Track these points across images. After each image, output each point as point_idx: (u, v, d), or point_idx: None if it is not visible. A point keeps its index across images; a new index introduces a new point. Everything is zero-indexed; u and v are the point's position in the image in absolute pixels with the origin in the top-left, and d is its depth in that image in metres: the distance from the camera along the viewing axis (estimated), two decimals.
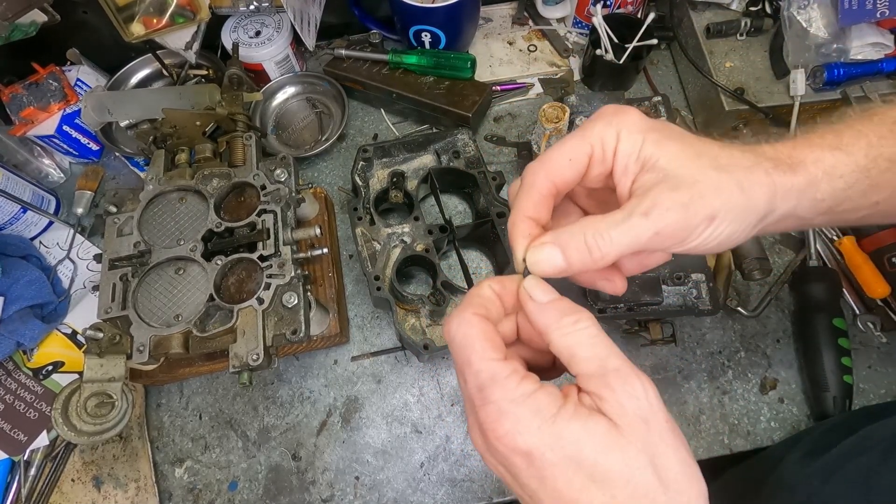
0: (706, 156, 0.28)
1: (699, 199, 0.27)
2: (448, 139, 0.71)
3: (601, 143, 0.29)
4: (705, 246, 0.28)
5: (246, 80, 0.72)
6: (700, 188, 0.27)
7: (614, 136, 0.29)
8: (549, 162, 0.30)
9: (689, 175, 0.27)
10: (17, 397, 0.67)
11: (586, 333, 0.27)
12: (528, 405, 0.26)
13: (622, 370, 0.26)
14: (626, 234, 0.27)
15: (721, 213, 0.27)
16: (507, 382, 0.26)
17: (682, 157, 0.28)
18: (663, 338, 0.64)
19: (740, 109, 0.71)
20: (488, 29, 0.87)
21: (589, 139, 0.29)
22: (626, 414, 0.25)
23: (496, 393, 0.26)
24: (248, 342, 0.53)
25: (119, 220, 0.60)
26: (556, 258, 0.28)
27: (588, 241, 0.28)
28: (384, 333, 0.70)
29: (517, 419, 0.25)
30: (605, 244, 0.27)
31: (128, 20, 0.70)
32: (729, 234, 0.28)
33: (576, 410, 0.25)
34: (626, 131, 0.29)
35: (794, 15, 0.67)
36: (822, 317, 0.63)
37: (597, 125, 0.29)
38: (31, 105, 0.75)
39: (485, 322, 0.28)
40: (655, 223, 0.27)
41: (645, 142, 0.28)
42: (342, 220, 0.76)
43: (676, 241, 0.28)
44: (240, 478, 0.64)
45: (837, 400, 0.60)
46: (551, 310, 0.28)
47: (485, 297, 0.30)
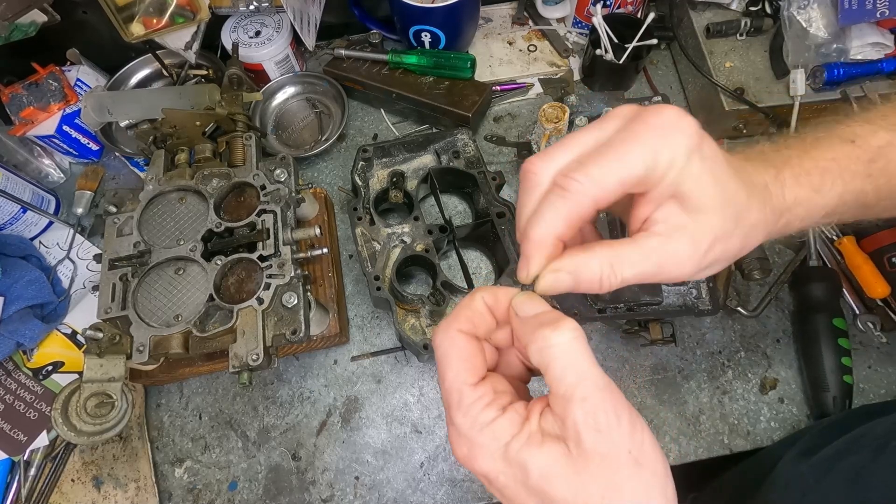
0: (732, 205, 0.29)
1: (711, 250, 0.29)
2: (448, 139, 0.71)
3: (654, 162, 0.26)
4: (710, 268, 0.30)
5: (246, 80, 0.72)
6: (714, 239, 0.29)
7: (668, 160, 0.26)
8: (602, 180, 0.26)
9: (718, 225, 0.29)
10: (17, 397, 0.67)
11: (559, 350, 0.26)
12: (486, 433, 0.26)
13: (590, 399, 0.25)
14: (638, 271, 0.28)
15: (720, 258, 0.29)
16: (470, 409, 0.27)
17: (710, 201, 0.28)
18: (663, 338, 0.64)
19: (740, 109, 0.71)
20: (488, 29, 0.87)
21: (643, 158, 0.26)
22: (581, 444, 0.25)
23: (459, 417, 0.27)
24: (248, 342, 0.53)
25: (119, 220, 0.60)
26: (567, 283, 0.28)
27: (602, 272, 0.28)
28: (384, 333, 0.70)
29: (474, 445, 0.27)
30: (615, 278, 0.28)
31: (127, 20, 0.70)
32: (728, 259, 0.30)
33: (529, 439, 0.26)
34: (682, 155, 0.27)
35: (793, 15, 0.67)
36: (822, 317, 0.63)
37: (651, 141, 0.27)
38: (31, 105, 0.75)
39: (468, 340, 0.29)
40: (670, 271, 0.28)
41: (684, 175, 0.27)
42: (342, 220, 0.76)
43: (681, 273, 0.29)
44: (240, 478, 0.64)
45: (837, 400, 0.60)
46: (531, 323, 0.28)
47: (475, 310, 0.30)
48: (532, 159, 0.29)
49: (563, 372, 0.26)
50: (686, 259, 0.28)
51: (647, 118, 0.27)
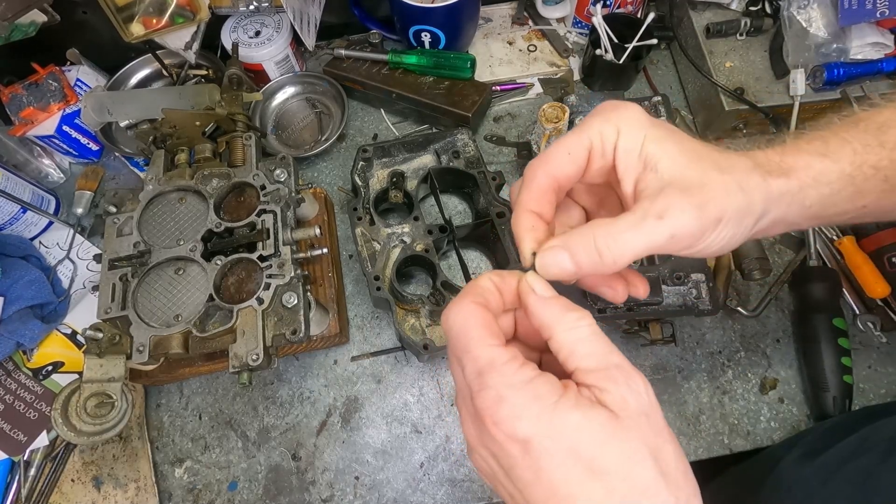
0: (707, 158, 0.28)
1: (710, 201, 0.27)
2: (448, 139, 0.71)
3: (600, 138, 0.29)
4: (709, 249, 0.28)
5: (246, 80, 0.72)
6: (709, 191, 0.27)
7: (614, 131, 0.29)
8: (549, 157, 0.30)
9: (696, 177, 0.27)
10: (17, 397, 0.67)
11: (588, 330, 0.27)
12: (528, 391, 0.25)
13: (624, 366, 0.26)
14: (641, 237, 0.27)
15: (727, 214, 0.27)
16: (506, 368, 0.26)
17: (684, 159, 0.28)
18: (663, 338, 0.64)
19: (740, 109, 0.71)
20: (488, 29, 0.87)
21: (587, 134, 0.29)
22: (628, 407, 0.25)
23: (494, 378, 0.26)
24: (248, 342, 0.53)
25: (119, 221, 0.60)
26: (566, 263, 0.28)
27: (598, 245, 0.27)
28: (384, 333, 0.70)
29: (516, 405, 0.25)
30: (618, 247, 0.27)
31: (127, 20, 0.70)
32: (731, 237, 0.28)
33: (577, 400, 0.25)
34: (627, 127, 0.29)
35: (793, 15, 0.67)
36: (822, 317, 0.63)
37: (595, 120, 0.30)
38: (31, 105, 0.75)
39: (483, 310, 0.28)
40: (671, 226, 0.26)
41: (646, 139, 0.28)
42: (342, 220, 0.76)
43: (687, 244, 0.27)
44: (240, 478, 0.64)
45: (837, 400, 0.60)
46: (554, 305, 0.28)
47: (484, 287, 0.30)
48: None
49: (595, 346, 0.27)
50: (681, 213, 0.26)
51: (592, 111, 0.31)
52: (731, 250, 0.31)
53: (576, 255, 0.28)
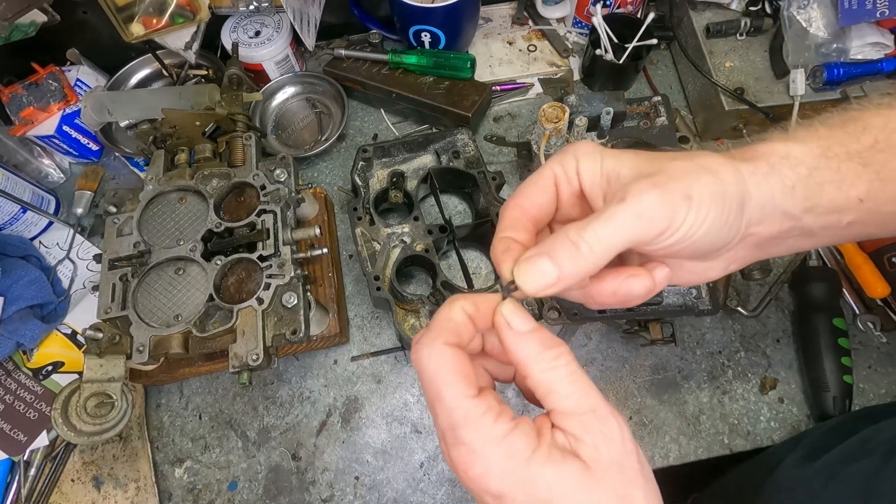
0: (663, 157, 0.28)
1: (670, 180, 0.26)
2: (448, 139, 0.71)
3: (562, 167, 0.30)
4: (694, 231, 0.27)
5: (246, 80, 0.72)
6: (668, 172, 0.27)
7: (573, 159, 0.30)
8: (517, 192, 0.31)
9: (655, 167, 0.28)
10: (17, 397, 0.67)
11: (566, 370, 0.26)
12: (502, 448, 0.25)
13: (599, 411, 0.26)
14: (609, 224, 0.26)
15: (695, 192, 0.26)
16: (480, 423, 0.26)
17: (641, 161, 0.28)
18: (663, 338, 0.64)
19: (740, 109, 0.71)
20: (488, 29, 0.87)
21: (550, 167, 0.31)
22: (600, 458, 0.25)
23: (469, 434, 0.25)
24: (248, 342, 0.53)
25: (119, 221, 0.60)
26: (547, 267, 0.26)
27: (572, 238, 0.26)
28: (384, 333, 0.70)
29: (490, 462, 0.25)
30: (592, 237, 0.26)
31: (127, 20, 0.70)
32: (716, 217, 0.27)
33: (549, 454, 0.25)
34: (583, 154, 0.30)
35: (793, 15, 0.67)
36: (822, 317, 0.63)
37: (554, 157, 0.31)
38: (31, 105, 0.75)
39: (457, 353, 0.27)
40: (633, 206, 0.26)
41: (603, 158, 0.29)
42: (342, 220, 0.76)
43: (662, 225, 0.26)
44: (240, 478, 0.64)
45: (837, 400, 0.60)
46: (531, 342, 0.27)
47: (456, 321, 0.28)
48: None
49: (572, 387, 0.26)
50: (641, 193, 0.26)
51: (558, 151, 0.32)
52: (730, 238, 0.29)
53: (556, 256, 0.26)
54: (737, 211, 0.28)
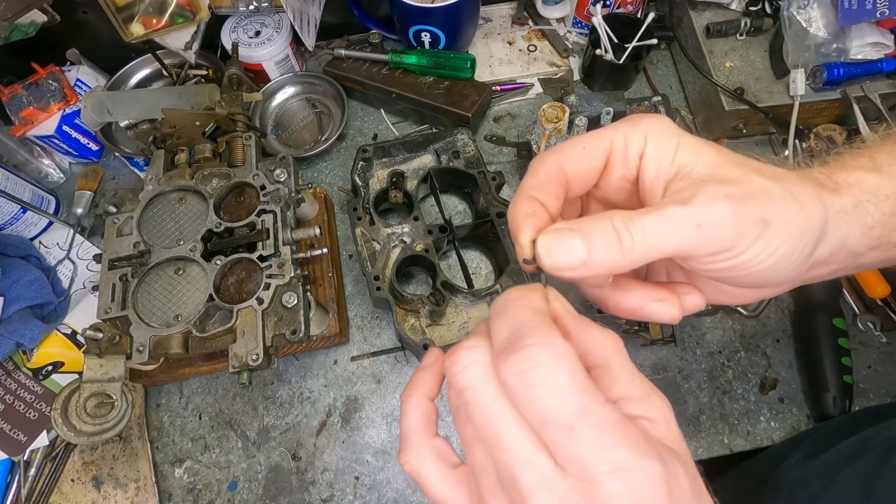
0: (748, 165, 0.25)
1: (749, 196, 0.23)
2: (448, 139, 0.71)
3: (624, 142, 0.26)
4: (757, 262, 0.24)
5: (245, 80, 0.72)
6: (750, 188, 0.23)
7: (641, 138, 0.26)
8: (560, 147, 0.27)
9: (733, 176, 0.24)
10: (17, 397, 0.67)
11: (625, 352, 0.24)
12: (651, 454, 0.20)
13: (657, 390, 0.24)
14: (662, 224, 0.22)
15: (776, 219, 0.23)
16: (629, 431, 0.20)
17: (723, 164, 0.24)
18: (663, 338, 0.64)
19: (740, 109, 0.71)
20: (488, 29, 0.87)
21: (609, 134, 0.26)
22: (674, 433, 0.23)
23: (629, 451, 0.19)
24: (248, 342, 0.53)
25: (119, 221, 0.60)
26: (577, 247, 0.23)
27: (616, 227, 0.23)
28: (384, 333, 0.70)
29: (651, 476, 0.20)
30: (637, 233, 0.22)
31: (127, 20, 0.70)
32: (786, 253, 0.24)
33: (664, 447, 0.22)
34: (656, 135, 0.25)
35: (793, 15, 0.67)
36: (822, 317, 0.63)
37: (621, 125, 0.26)
38: (31, 105, 0.74)
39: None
40: (697, 212, 0.22)
41: (680, 146, 0.25)
42: (342, 220, 0.76)
43: (723, 245, 0.23)
44: (239, 478, 0.64)
45: (837, 400, 0.60)
46: (593, 325, 0.24)
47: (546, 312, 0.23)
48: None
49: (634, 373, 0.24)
50: (711, 201, 0.22)
51: (626, 117, 0.27)
52: (792, 277, 0.26)
53: (589, 237, 0.23)
54: (811, 249, 0.25)
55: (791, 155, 0.71)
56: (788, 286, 0.29)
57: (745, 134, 0.76)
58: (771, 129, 0.76)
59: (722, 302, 0.30)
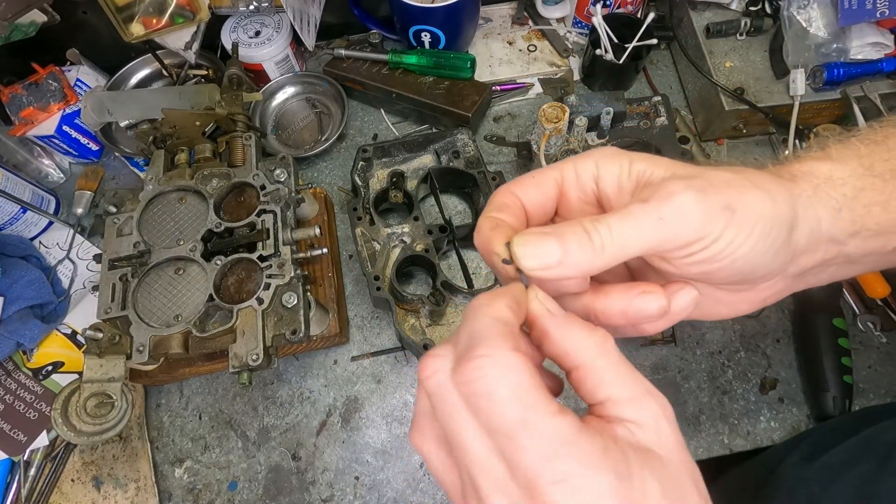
0: (703, 167, 0.26)
1: (710, 186, 0.23)
2: (448, 139, 0.71)
3: (574, 170, 0.27)
4: (732, 249, 0.24)
5: (245, 80, 0.72)
6: (709, 179, 0.24)
7: (592, 164, 0.27)
8: (515, 180, 0.29)
9: (693, 172, 0.25)
10: (17, 397, 0.67)
11: (616, 354, 0.23)
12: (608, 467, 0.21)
13: (653, 392, 0.23)
14: (627, 221, 0.23)
15: (740, 204, 0.23)
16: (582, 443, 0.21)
17: (680, 166, 0.25)
18: (663, 338, 0.64)
19: (740, 109, 0.71)
20: (488, 29, 0.87)
21: (558, 166, 0.28)
22: (667, 441, 0.22)
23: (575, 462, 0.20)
24: (248, 342, 0.53)
25: (119, 221, 0.60)
26: (552, 247, 0.23)
27: (586, 227, 0.23)
28: (384, 333, 0.70)
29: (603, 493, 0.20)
30: (605, 232, 0.23)
31: (127, 20, 0.70)
32: (760, 236, 0.24)
33: (638, 458, 0.22)
34: (606, 159, 0.27)
35: (793, 15, 0.67)
36: (822, 317, 0.63)
37: (570, 159, 0.28)
38: (31, 105, 0.75)
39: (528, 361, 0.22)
40: (658, 206, 0.23)
41: (633, 161, 0.26)
42: (342, 220, 0.76)
43: (691, 236, 0.23)
44: (239, 478, 0.64)
45: (837, 400, 0.60)
46: (577, 326, 0.24)
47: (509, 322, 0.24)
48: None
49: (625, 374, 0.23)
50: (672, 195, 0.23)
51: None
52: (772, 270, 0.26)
53: (565, 240, 0.23)
54: (786, 235, 0.25)
55: (791, 155, 0.71)
56: (782, 288, 0.29)
57: (745, 134, 0.76)
58: (771, 129, 0.76)
59: (724, 315, 0.30)
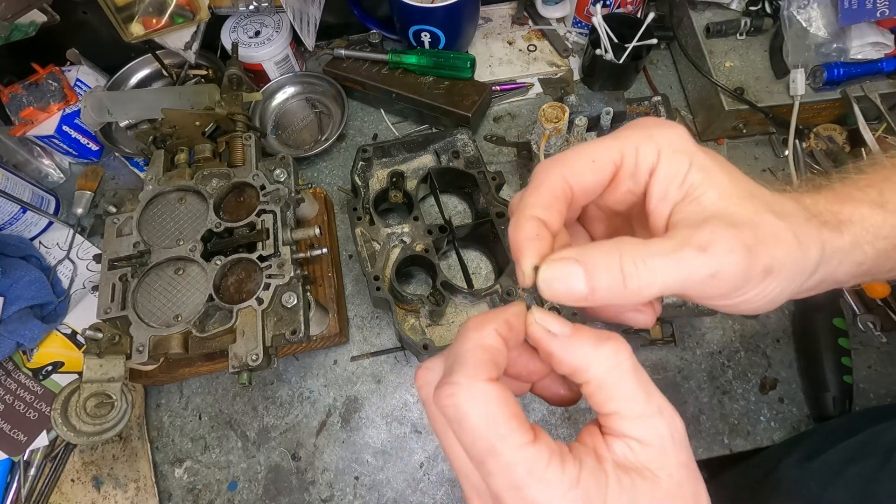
0: (759, 198, 0.24)
1: (762, 245, 0.22)
2: (448, 139, 0.71)
3: (635, 155, 0.25)
4: (750, 304, 0.24)
5: (245, 80, 0.72)
6: (761, 233, 0.23)
7: (654, 153, 0.24)
8: (567, 159, 0.25)
9: (746, 215, 0.23)
10: (17, 397, 0.67)
11: (628, 366, 0.23)
12: (577, 498, 0.21)
13: (665, 411, 0.23)
14: (676, 268, 0.22)
15: (778, 266, 0.23)
16: (549, 475, 0.21)
17: (733, 194, 0.24)
18: (663, 338, 0.64)
19: (740, 109, 0.71)
20: (488, 29, 0.87)
21: (621, 145, 0.25)
22: (668, 463, 0.22)
23: (539, 492, 0.21)
24: (248, 342, 0.53)
25: (118, 221, 0.60)
26: (578, 281, 0.22)
27: (624, 266, 0.22)
28: (384, 333, 0.70)
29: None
30: (647, 275, 0.22)
31: (127, 20, 0.70)
32: (777, 295, 0.24)
33: (620, 484, 0.22)
34: (669, 150, 0.24)
35: (793, 14, 0.67)
36: (822, 317, 0.63)
37: (634, 134, 0.25)
38: (31, 105, 0.75)
39: (505, 392, 0.22)
40: (715, 263, 0.22)
41: (692, 166, 0.24)
42: (342, 220, 0.76)
43: (727, 290, 0.23)
44: (239, 478, 0.64)
45: (837, 400, 0.60)
46: (584, 340, 0.23)
47: (493, 349, 0.23)
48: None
49: (635, 387, 0.23)
50: (729, 251, 0.22)
51: (630, 124, 0.26)
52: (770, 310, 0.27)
53: (593, 274, 0.22)
54: (802, 283, 0.25)
55: (791, 155, 0.71)
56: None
57: (745, 134, 0.76)
58: (771, 129, 0.76)
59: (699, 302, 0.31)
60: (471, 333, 0.24)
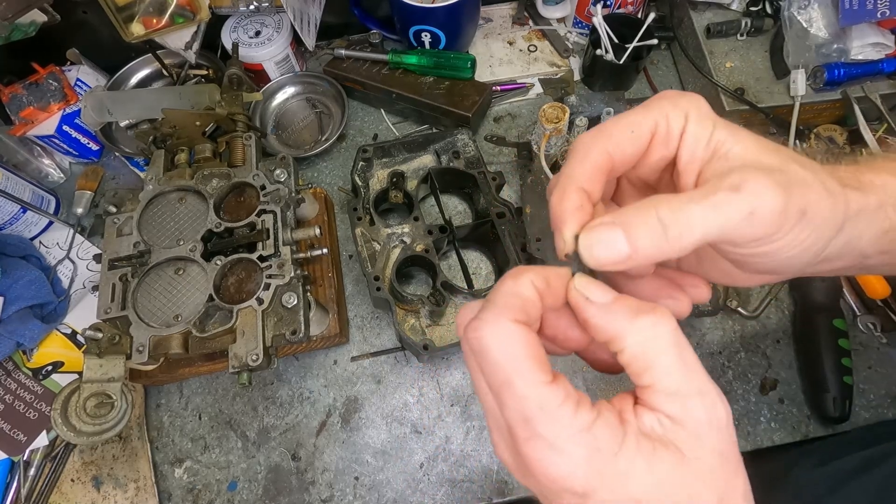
0: (784, 152, 0.24)
1: (794, 186, 0.22)
2: (448, 139, 0.71)
3: (667, 121, 0.25)
4: (787, 250, 0.24)
5: (246, 80, 0.72)
6: (791, 176, 0.23)
7: (682, 117, 0.25)
8: (608, 131, 0.26)
9: (774, 164, 0.23)
10: (17, 397, 0.67)
11: (669, 339, 0.22)
12: (587, 441, 0.22)
13: (708, 395, 0.22)
14: (713, 212, 0.22)
15: (811, 210, 0.23)
16: (560, 414, 0.22)
17: (759, 149, 0.24)
18: None
19: (740, 109, 0.71)
20: (488, 29, 0.87)
21: (654, 114, 0.25)
22: (701, 447, 0.22)
23: (547, 427, 0.22)
24: (248, 342, 0.53)
25: (119, 221, 0.60)
26: (619, 242, 0.22)
27: (662, 217, 0.22)
28: (384, 334, 0.70)
29: (572, 458, 0.22)
30: (686, 220, 0.22)
31: (127, 20, 0.70)
32: (811, 244, 0.24)
33: (638, 444, 0.22)
34: (696, 114, 0.25)
35: (794, 15, 0.67)
36: (822, 317, 0.63)
37: (662, 103, 0.26)
38: (31, 105, 0.75)
39: (528, 333, 0.23)
40: (751, 200, 0.21)
41: (716, 127, 0.25)
42: (342, 220, 0.76)
43: (765, 232, 0.22)
44: (239, 478, 0.64)
45: (837, 401, 0.60)
46: (620, 311, 0.23)
47: (525, 297, 0.24)
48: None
49: (675, 362, 0.22)
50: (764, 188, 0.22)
51: (655, 96, 0.27)
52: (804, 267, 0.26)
53: (633, 233, 0.22)
54: (830, 238, 0.25)
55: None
56: (792, 276, 0.29)
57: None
58: (771, 130, 0.76)
59: (718, 280, 0.30)
60: (507, 280, 0.24)
